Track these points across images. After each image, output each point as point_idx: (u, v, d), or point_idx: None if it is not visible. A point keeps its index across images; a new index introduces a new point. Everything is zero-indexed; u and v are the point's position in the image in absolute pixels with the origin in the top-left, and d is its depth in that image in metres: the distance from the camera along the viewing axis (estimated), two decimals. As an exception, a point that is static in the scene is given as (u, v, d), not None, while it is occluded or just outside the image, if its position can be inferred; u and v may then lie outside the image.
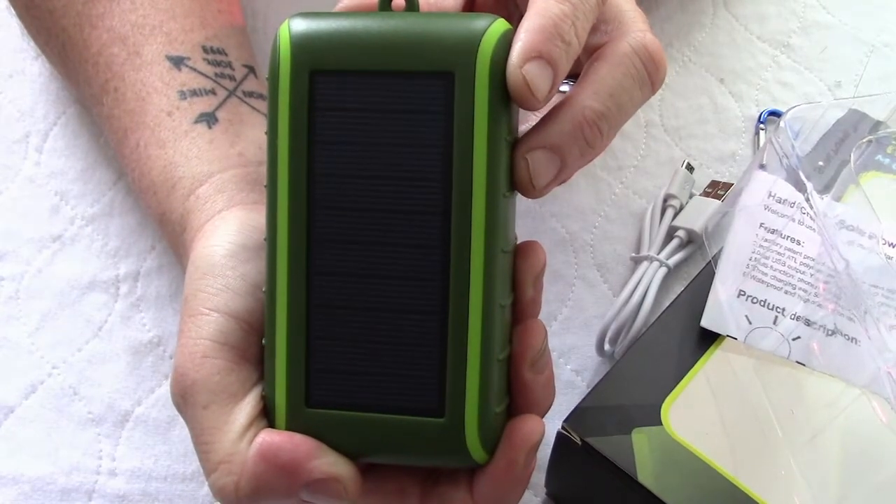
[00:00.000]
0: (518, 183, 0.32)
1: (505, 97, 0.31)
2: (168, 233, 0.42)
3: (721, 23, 0.60)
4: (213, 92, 0.43)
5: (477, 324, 0.31)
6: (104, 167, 0.53)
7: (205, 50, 0.44)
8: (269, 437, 0.32)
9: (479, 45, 0.31)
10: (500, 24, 0.31)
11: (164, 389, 0.47)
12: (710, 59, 0.58)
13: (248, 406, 0.34)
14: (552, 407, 0.46)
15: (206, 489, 0.44)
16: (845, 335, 0.41)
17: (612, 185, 0.53)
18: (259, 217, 0.37)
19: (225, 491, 0.33)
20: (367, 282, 0.32)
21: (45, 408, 0.46)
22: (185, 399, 0.34)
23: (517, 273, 0.33)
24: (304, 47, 0.32)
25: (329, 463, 0.32)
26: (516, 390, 0.33)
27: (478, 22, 0.31)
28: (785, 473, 0.38)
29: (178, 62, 0.43)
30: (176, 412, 0.46)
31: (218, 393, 0.33)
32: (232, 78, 0.44)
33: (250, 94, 0.44)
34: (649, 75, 0.34)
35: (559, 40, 0.31)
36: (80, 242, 0.50)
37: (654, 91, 0.34)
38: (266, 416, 0.34)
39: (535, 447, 0.33)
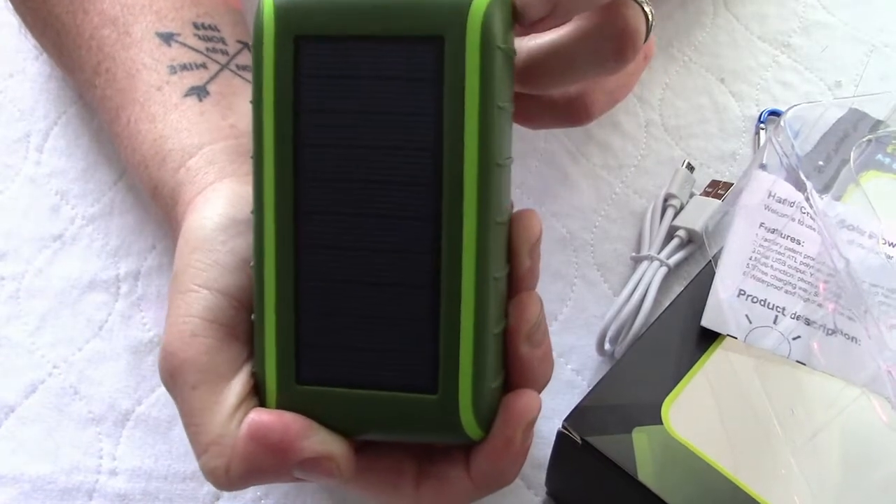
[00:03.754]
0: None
1: (498, 63, 0.30)
2: (161, 207, 0.41)
3: (721, 22, 0.60)
4: (203, 66, 0.43)
5: (470, 297, 0.31)
6: (104, 167, 0.53)
7: (195, 26, 0.44)
8: (259, 417, 0.32)
9: (469, 7, 0.30)
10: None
11: (164, 389, 0.47)
12: (710, 59, 0.58)
13: (237, 385, 0.33)
14: (552, 407, 0.46)
15: (206, 488, 0.44)
16: (845, 334, 0.41)
17: (612, 185, 0.53)
18: (249, 189, 0.36)
19: (216, 473, 0.32)
20: (356, 255, 0.31)
21: (46, 407, 0.46)
22: (173, 379, 0.33)
23: (512, 243, 0.32)
24: (288, 12, 0.31)
25: (320, 441, 0.32)
26: (512, 365, 0.33)
27: None
28: (785, 473, 0.38)
29: (167, 38, 0.43)
30: (176, 412, 0.46)
31: (207, 372, 0.33)
32: (224, 52, 0.44)
33: (244, 68, 0.44)
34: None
35: None
36: (80, 242, 0.51)
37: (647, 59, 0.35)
38: (256, 394, 0.33)
39: (532, 423, 0.32)
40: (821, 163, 0.43)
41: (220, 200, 0.36)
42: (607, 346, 0.47)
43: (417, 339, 0.31)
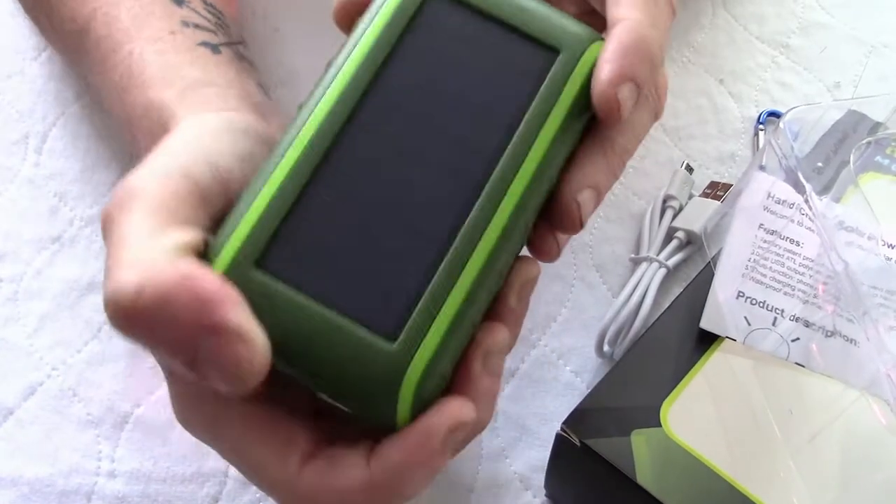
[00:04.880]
0: (567, 223, 0.32)
1: (586, 104, 0.32)
2: (149, 124, 0.38)
3: (720, 23, 0.60)
4: (214, 32, 0.42)
5: (471, 276, 0.30)
6: (103, 168, 0.53)
7: (205, 2, 0.44)
8: (198, 267, 0.28)
9: (591, 41, 0.32)
10: (602, 44, 0.33)
11: (164, 391, 0.47)
12: (709, 60, 0.58)
13: (187, 236, 0.29)
14: (551, 409, 0.46)
15: (206, 490, 0.44)
16: (844, 336, 0.41)
17: (611, 186, 0.53)
18: (259, 125, 0.34)
19: (120, 293, 0.27)
20: (387, 185, 0.30)
21: (45, 409, 0.46)
22: (121, 207, 0.29)
23: (508, 278, 0.32)
24: None
25: (248, 320, 0.27)
26: (460, 379, 0.30)
27: (593, 29, 0.33)
28: (784, 475, 0.38)
29: (179, 1, 0.42)
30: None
31: (162, 208, 0.29)
32: (229, 35, 0.43)
33: (243, 58, 0.43)
34: (656, 110, 0.35)
35: (650, 65, 0.32)
36: (79, 243, 0.50)
37: (656, 120, 0.35)
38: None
39: (460, 431, 0.29)
40: (820, 164, 0.43)
41: (227, 117, 0.34)
42: (606, 347, 0.47)
43: (404, 285, 0.30)
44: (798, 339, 0.41)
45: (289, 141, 0.31)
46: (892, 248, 0.42)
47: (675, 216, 0.51)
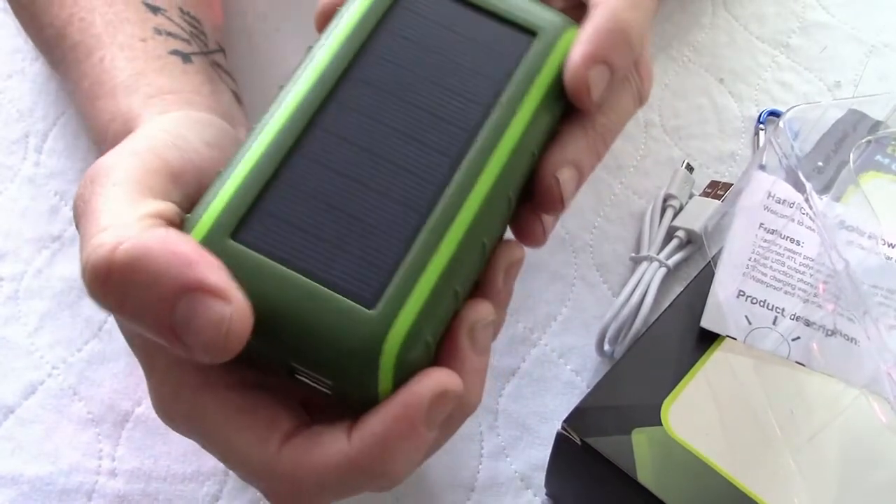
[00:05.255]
0: (548, 201, 0.32)
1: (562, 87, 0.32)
2: (114, 131, 0.38)
3: (721, 23, 0.60)
4: (188, 42, 0.42)
5: (452, 244, 0.30)
6: (104, 167, 0.53)
7: (181, 11, 0.44)
8: (173, 230, 0.27)
9: (567, 27, 0.33)
10: (576, 31, 0.33)
11: (164, 390, 0.47)
12: (709, 60, 0.58)
13: (161, 206, 0.29)
14: (551, 408, 0.46)
15: (206, 489, 0.44)
16: (845, 335, 0.41)
17: (611, 186, 0.53)
18: (224, 124, 0.35)
19: (97, 250, 0.27)
20: (364, 155, 0.30)
21: (45, 408, 0.46)
22: (93, 184, 0.29)
23: (492, 260, 0.32)
24: None
25: (225, 280, 0.27)
26: (446, 354, 0.30)
27: (568, 18, 0.34)
28: (784, 474, 0.38)
29: (154, 9, 0.43)
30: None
31: (134, 182, 0.29)
32: (205, 44, 0.43)
33: (219, 66, 0.43)
34: (640, 93, 0.35)
35: (626, 47, 0.32)
36: (79, 243, 0.50)
37: (642, 105, 0.36)
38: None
39: (445, 401, 0.28)
40: (820, 163, 0.43)
41: (194, 112, 0.35)
42: (607, 346, 0.47)
43: (383, 253, 0.29)
44: (798, 337, 0.41)
45: (267, 118, 0.31)
46: (893, 247, 0.42)
47: (675, 215, 0.51)
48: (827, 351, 0.41)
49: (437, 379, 0.28)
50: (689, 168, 0.53)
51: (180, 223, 0.29)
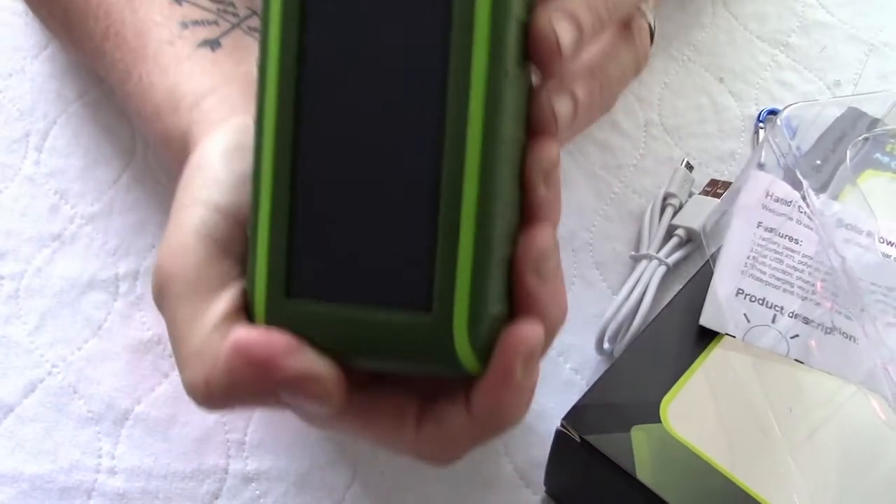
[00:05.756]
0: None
1: (510, 29, 0.29)
2: (173, 154, 0.40)
3: (721, 22, 0.60)
4: (215, 23, 0.43)
5: (471, 212, 0.29)
6: (104, 166, 0.53)
7: None
8: (245, 332, 0.30)
9: None
10: None
11: (164, 388, 0.47)
12: (709, 59, 0.58)
13: (225, 300, 0.31)
14: (551, 406, 0.46)
15: (206, 487, 0.44)
16: (843, 333, 0.41)
17: (611, 184, 0.54)
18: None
19: (196, 387, 0.31)
20: (356, 163, 0.30)
21: (45, 406, 0.46)
22: (162, 292, 0.32)
23: (526, 170, 0.31)
24: None
25: (307, 360, 0.30)
26: (520, 299, 0.30)
27: None
28: (783, 471, 0.38)
29: None
30: (176, 411, 0.46)
31: (194, 285, 0.32)
32: (235, 14, 0.44)
33: (254, 30, 0.43)
34: None
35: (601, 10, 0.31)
36: (79, 241, 0.51)
37: None
38: (246, 311, 0.31)
39: (533, 354, 0.30)
40: (818, 162, 0.43)
41: (227, 132, 0.35)
42: (606, 344, 0.47)
43: (415, 253, 0.29)
44: (797, 335, 0.41)
45: (258, 165, 0.31)
46: (890, 244, 0.42)
47: (674, 214, 0.51)
48: (825, 348, 0.41)
49: (520, 344, 0.30)
50: (689, 167, 0.53)
51: (243, 297, 0.32)
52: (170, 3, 0.43)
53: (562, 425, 0.39)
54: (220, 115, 0.38)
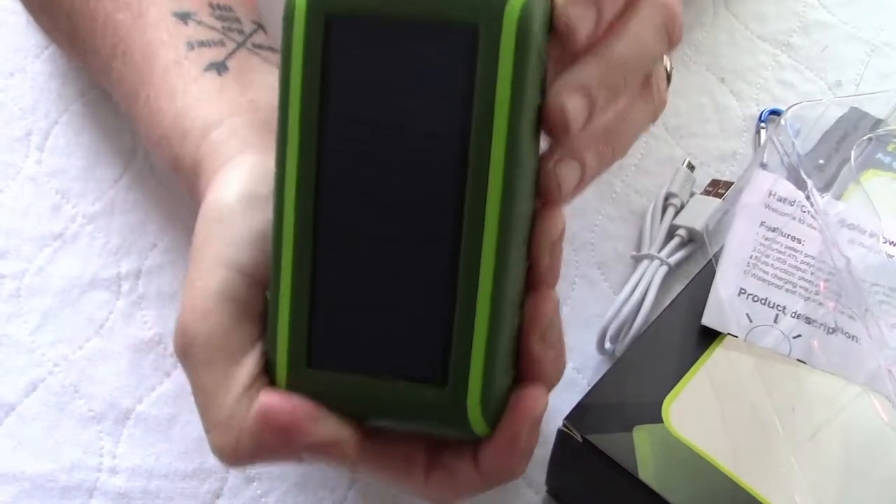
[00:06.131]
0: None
1: (532, 61, 0.29)
2: (183, 181, 0.41)
3: (722, 22, 0.60)
4: (221, 43, 0.43)
5: (487, 293, 0.30)
6: (105, 165, 0.53)
7: (211, 6, 0.44)
8: (269, 400, 0.32)
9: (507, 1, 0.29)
10: None
11: (166, 387, 0.47)
12: (710, 59, 0.58)
13: (249, 364, 0.33)
14: (553, 405, 0.46)
15: (207, 486, 0.44)
16: (846, 333, 0.41)
17: (612, 184, 0.54)
18: (271, 162, 0.35)
19: (224, 451, 0.33)
20: (376, 239, 0.31)
21: (46, 406, 0.46)
22: (186, 355, 0.33)
23: (533, 239, 0.32)
24: None
25: (328, 426, 0.32)
26: (525, 363, 0.32)
27: None
28: (786, 471, 0.38)
29: (184, 17, 0.43)
30: (177, 410, 0.46)
31: (219, 351, 0.33)
32: (240, 31, 0.44)
33: (259, 47, 0.44)
34: (668, 33, 0.33)
35: None
36: (81, 240, 0.51)
37: (672, 46, 0.33)
38: (267, 372, 0.33)
39: (538, 420, 0.32)
40: (821, 161, 0.43)
41: (241, 174, 0.36)
42: (608, 344, 0.47)
43: (431, 330, 0.31)
44: (800, 335, 0.41)
45: (278, 235, 0.32)
46: (894, 245, 0.42)
47: (676, 214, 0.51)
48: (828, 349, 0.41)
49: (527, 411, 0.32)
50: (691, 167, 0.53)
51: (265, 359, 0.33)
52: (176, 22, 0.43)
53: (564, 425, 0.39)
54: (231, 149, 0.38)
